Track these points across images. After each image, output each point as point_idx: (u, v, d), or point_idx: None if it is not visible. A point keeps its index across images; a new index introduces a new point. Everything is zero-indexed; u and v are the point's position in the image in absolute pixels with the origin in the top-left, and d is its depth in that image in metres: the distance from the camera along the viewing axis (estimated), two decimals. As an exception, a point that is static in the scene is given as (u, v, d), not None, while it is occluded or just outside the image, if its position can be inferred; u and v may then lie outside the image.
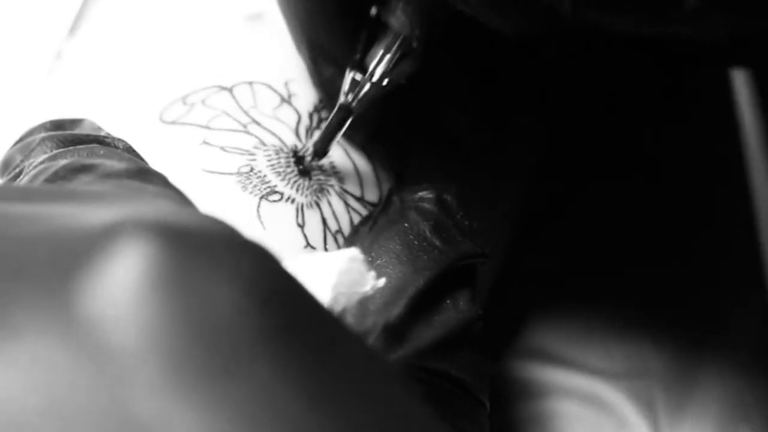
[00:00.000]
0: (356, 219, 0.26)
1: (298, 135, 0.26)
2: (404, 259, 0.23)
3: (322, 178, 0.26)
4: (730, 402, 0.31)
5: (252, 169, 0.25)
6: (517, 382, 0.33)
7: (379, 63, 0.23)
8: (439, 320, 0.22)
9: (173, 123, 0.26)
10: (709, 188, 0.36)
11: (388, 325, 0.21)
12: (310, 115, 0.27)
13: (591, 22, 0.18)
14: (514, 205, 0.34)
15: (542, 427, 0.32)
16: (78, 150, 0.19)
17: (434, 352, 0.21)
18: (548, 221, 0.36)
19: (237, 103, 0.27)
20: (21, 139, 0.21)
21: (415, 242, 0.23)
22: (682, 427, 0.31)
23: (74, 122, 0.22)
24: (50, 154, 0.19)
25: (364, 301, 0.20)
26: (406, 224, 0.24)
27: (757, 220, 0.34)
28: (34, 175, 0.18)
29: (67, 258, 0.12)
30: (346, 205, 0.26)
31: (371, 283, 0.19)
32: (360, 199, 0.26)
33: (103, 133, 0.21)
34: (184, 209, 0.16)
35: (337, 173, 0.26)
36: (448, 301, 0.22)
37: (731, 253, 0.35)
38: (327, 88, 0.26)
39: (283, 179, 0.25)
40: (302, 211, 0.25)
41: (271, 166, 0.25)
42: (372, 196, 0.27)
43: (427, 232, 0.23)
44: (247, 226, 0.23)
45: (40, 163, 0.19)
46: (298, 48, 0.26)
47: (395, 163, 0.27)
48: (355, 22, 0.24)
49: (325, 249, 0.24)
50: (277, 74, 0.28)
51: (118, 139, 0.21)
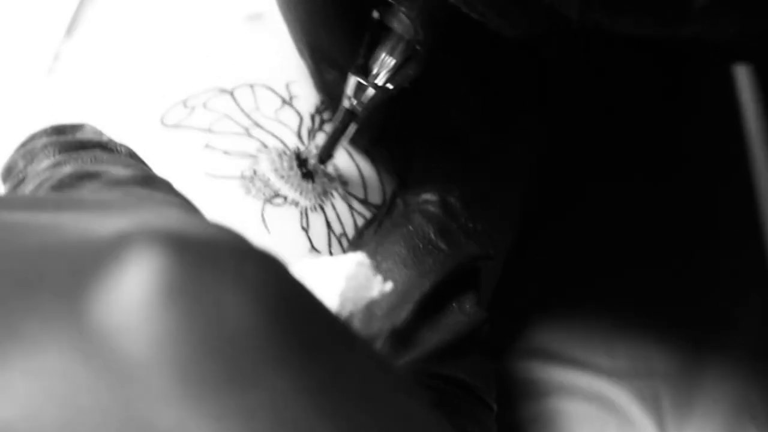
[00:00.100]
0: (360, 222, 0.25)
1: (300, 137, 0.26)
2: (409, 262, 0.23)
3: (326, 180, 0.26)
4: (737, 401, 0.31)
5: (255, 173, 0.25)
6: (522, 381, 0.33)
7: (383, 67, 0.23)
8: (446, 323, 0.22)
9: (175, 126, 0.26)
10: (712, 188, 0.36)
11: (395, 329, 0.21)
12: (312, 117, 0.27)
13: (596, 23, 0.18)
14: (514, 205, 0.34)
15: (547, 426, 0.32)
16: (81, 156, 0.19)
17: (441, 356, 0.21)
18: (548, 221, 0.36)
19: (238, 105, 0.26)
20: (23, 145, 0.20)
21: (420, 245, 0.23)
22: (689, 426, 0.31)
23: (75, 127, 0.21)
24: (53, 160, 0.19)
25: (371, 306, 0.20)
26: (411, 227, 0.24)
27: (761, 219, 0.34)
28: (39, 183, 0.18)
29: (79, 269, 0.12)
30: (350, 207, 0.26)
31: (378, 287, 0.19)
32: (363, 202, 0.26)
33: (105, 138, 0.21)
34: (193, 218, 0.16)
35: (340, 176, 0.26)
36: (454, 304, 0.22)
37: (735, 252, 0.35)
38: (330, 91, 0.26)
39: (287, 182, 0.25)
40: (306, 214, 0.25)
41: (275, 169, 0.25)
42: (375, 198, 0.26)
43: (432, 235, 0.23)
44: (252, 231, 0.23)
45: (44, 170, 0.19)
46: (300, 52, 0.26)
47: (398, 166, 0.27)
48: (356, 26, 0.24)
49: (330, 252, 0.24)
50: (277, 76, 0.28)
51: (121, 144, 0.21)
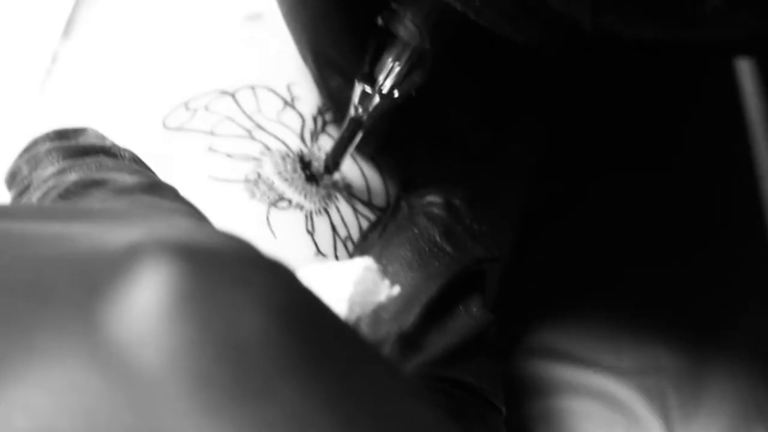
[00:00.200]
0: (365, 224, 0.25)
1: (303, 139, 0.26)
2: (415, 265, 0.22)
3: (329, 183, 0.26)
4: (744, 400, 0.31)
5: (259, 176, 0.25)
6: (528, 380, 0.33)
7: (389, 75, 0.23)
8: (453, 327, 0.22)
9: (177, 129, 0.26)
10: (713, 187, 0.36)
11: (402, 334, 0.21)
12: (314, 119, 0.27)
13: (607, 29, 0.18)
14: (514, 205, 0.34)
15: (554, 424, 0.32)
16: (86, 162, 0.19)
17: (449, 360, 0.21)
18: (548, 221, 0.36)
19: (240, 107, 0.26)
20: (26, 150, 0.20)
21: (426, 248, 0.23)
22: (695, 424, 0.31)
23: (78, 131, 0.21)
24: (58, 167, 0.19)
25: (378, 310, 0.20)
26: (416, 230, 0.23)
27: (765, 217, 0.34)
28: (46, 192, 0.18)
29: (92, 281, 0.12)
30: (355, 210, 0.25)
31: (386, 292, 0.19)
32: (368, 204, 0.26)
33: (108, 143, 0.21)
34: (201, 226, 0.16)
35: (344, 178, 0.26)
36: (460, 307, 0.22)
37: (740, 251, 0.35)
38: (334, 98, 0.25)
39: (291, 185, 0.25)
40: (311, 218, 0.24)
41: (278, 172, 0.25)
42: (379, 200, 0.26)
43: (438, 238, 0.23)
44: (258, 235, 0.23)
45: (50, 177, 0.19)
46: (304, 58, 0.25)
47: (402, 171, 0.27)
48: (361, 32, 0.23)
49: (336, 256, 0.24)
50: (279, 77, 0.27)
51: (124, 149, 0.21)
